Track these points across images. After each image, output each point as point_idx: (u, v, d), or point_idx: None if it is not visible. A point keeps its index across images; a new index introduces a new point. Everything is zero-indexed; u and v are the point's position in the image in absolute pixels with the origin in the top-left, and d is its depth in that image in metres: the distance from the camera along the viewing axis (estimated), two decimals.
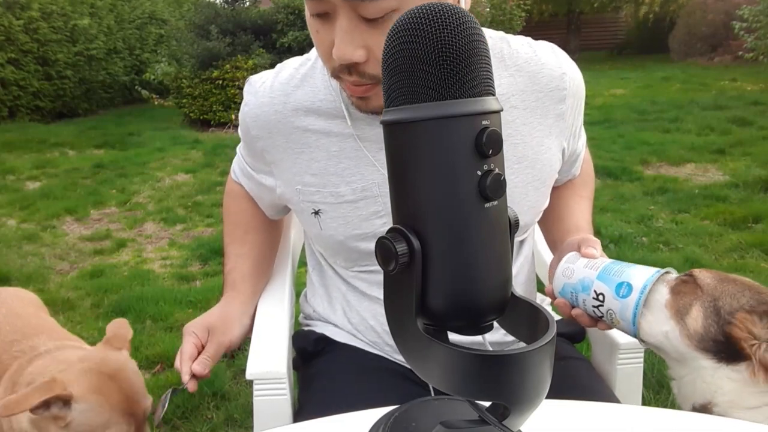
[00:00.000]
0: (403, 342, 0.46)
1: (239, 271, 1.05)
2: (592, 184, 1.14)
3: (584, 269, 0.85)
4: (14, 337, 1.27)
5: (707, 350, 0.77)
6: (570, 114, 0.91)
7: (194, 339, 0.94)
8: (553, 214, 1.03)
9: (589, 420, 0.68)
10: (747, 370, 0.74)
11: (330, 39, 0.73)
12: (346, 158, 0.87)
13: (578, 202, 1.07)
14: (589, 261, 0.86)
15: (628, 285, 0.80)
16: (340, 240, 0.90)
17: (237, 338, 0.98)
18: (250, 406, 1.00)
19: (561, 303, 0.88)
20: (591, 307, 0.84)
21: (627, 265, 0.84)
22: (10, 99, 7.77)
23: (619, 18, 15.81)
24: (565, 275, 0.87)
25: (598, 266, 0.84)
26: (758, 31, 7.99)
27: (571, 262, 0.88)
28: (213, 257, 3.25)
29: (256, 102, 0.91)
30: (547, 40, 0.95)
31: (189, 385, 0.90)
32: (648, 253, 3.00)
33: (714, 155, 4.75)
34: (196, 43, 7.08)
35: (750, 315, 0.75)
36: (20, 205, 4.40)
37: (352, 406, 0.68)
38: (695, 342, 0.78)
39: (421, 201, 0.42)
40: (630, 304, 0.80)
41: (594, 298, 0.83)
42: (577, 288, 0.85)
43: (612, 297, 0.81)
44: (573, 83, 0.90)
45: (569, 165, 1.02)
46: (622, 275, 0.82)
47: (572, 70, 0.91)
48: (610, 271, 0.83)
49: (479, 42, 0.41)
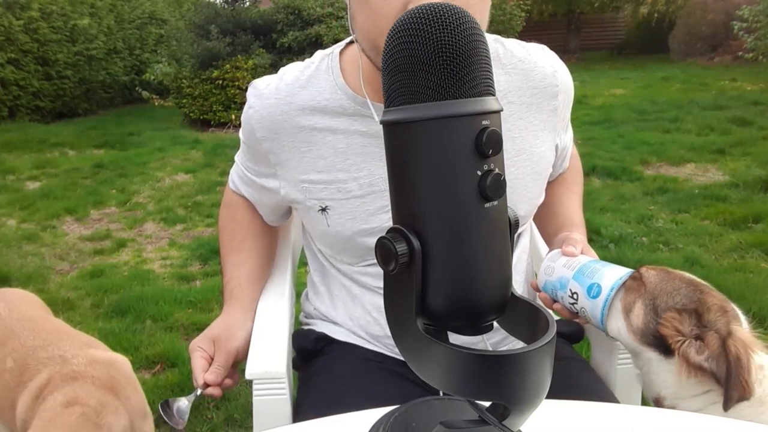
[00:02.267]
0: (403, 342, 0.46)
1: (236, 280, 1.05)
2: (581, 179, 1.19)
3: (563, 268, 0.91)
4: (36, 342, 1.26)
5: (650, 344, 0.82)
6: (562, 109, 0.96)
7: (201, 353, 0.95)
8: (548, 209, 1.07)
9: (588, 420, 0.68)
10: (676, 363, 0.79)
11: (401, 1, 0.72)
12: (353, 154, 0.89)
13: (571, 197, 1.12)
14: (569, 260, 0.91)
15: (598, 286, 0.86)
16: (348, 235, 0.91)
17: (242, 343, 0.98)
18: (250, 406, 1.00)
19: (543, 297, 0.95)
20: (568, 303, 0.90)
21: (603, 264, 0.89)
22: (10, 99, 7.77)
23: (619, 18, 15.80)
24: (546, 273, 0.93)
25: (575, 266, 0.89)
26: (758, 31, 7.99)
27: (553, 260, 0.94)
28: (213, 257, 3.25)
29: (262, 104, 0.92)
30: (547, 40, 1.02)
31: (215, 392, 0.91)
32: (648, 253, 3.00)
33: (714, 155, 4.75)
34: (196, 43, 7.08)
35: (679, 314, 0.80)
36: (20, 205, 4.40)
37: (352, 406, 0.68)
38: (639, 337, 0.83)
39: (421, 201, 0.42)
40: (599, 304, 0.86)
41: (570, 296, 0.89)
42: (556, 285, 0.91)
43: (584, 297, 0.87)
44: (563, 80, 0.95)
45: (561, 159, 1.07)
46: (595, 276, 0.87)
47: (562, 68, 0.96)
48: (584, 271, 0.88)
49: (479, 42, 0.41)
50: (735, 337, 0.74)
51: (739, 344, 0.73)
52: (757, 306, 2.36)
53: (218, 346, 0.96)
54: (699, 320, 0.79)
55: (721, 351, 0.74)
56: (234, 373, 0.97)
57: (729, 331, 0.75)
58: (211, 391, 0.91)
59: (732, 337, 0.74)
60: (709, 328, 0.77)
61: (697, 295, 0.81)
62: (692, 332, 0.79)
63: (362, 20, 0.80)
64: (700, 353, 0.76)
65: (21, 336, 1.32)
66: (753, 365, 0.73)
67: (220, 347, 0.96)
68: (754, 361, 0.73)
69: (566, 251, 0.92)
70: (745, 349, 0.73)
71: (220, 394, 0.92)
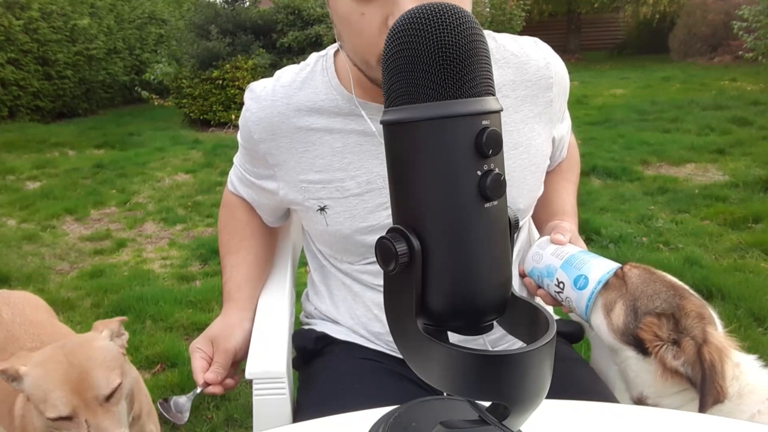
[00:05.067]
0: (403, 342, 0.46)
1: (234, 281, 1.05)
2: (577, 169, 1.20)
3: (551, 257, 0.92)
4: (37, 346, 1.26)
5: (630, 344, 0.85)
6: (557, 100, 0.96)
7: (200, 353, 0.95)
8: (543, 197, 1.07)
9: (588, 420, 0.68)
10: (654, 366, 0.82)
11: (379, 18, 0.74)
12: (350, 153, 0.90)
13: (565, 186, 1.13)
14: (557, 249, 0.92)
15: (585, 278, 0.87)
16: (347, 234, 0.92)
17: (240, 342, 0.98)
18: (250, 406, 1.00)
19: (528, 282, 0.96)
20: (553, 291, 0.91)
21: (590, 257, 0.90)
22: (10, 99, 7.77)
23: (619, 18, 15.79)
24: (534, 260, 0.94)
25: (563, 256, 0.90)
26: (758, 31, 7.98)
27: (541, 248, 0.94)
28: (213, 257, 3.25)
29: (259, 106, 0.93)
30: (547, 40, 1.01)
31: (216, 390, 0.91)
32: (648, 253, 3.00)
33: (714, 155, 4.75)
34: (196, 43, 7.08)
35: (658, 319, 0.82)
36: (20, 205, 4.40)
37: (352, 406, 0.68)
38: (618, 336, 0.86)
39: (421, 201, 0.42)
40: (584, 296, 0.87)
41: (556, 285, 0.90)
42: (543, 273, 0.92)
43: (570, 287, 0.88)
44: (557, 71, 0.96)
45: (558, 150, 1.08)
46: (582, 268, 0.88)
47: (555, 59, 0.96)
48: (572, 262, 0.89)
49: (479, 42, 0.41)
50: (710, 343, 0.77)
51: (714, 351, 0.77)
52: (757, 306, 2.36)
53: (216, 346, 0.96)
54: (676, 325, 0.81)
55: (697, 358, 0.77)
56: (235, 373, 0.98)
57: (704, 338, 0.78)
58: (212, 389, 0.91)
59: (707, 344, 0.77)
60: (685, 334, 0.80)
61: (676, 300, 0.83)
62: (670, 337, 0.81)
63: (347, 37, 0.82)
64: (677, 358, 0.80)
65: (22, 340, 1.32)
66: (727, 370, 0.76)
67: (218, 347, 0.96)
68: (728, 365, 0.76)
69: (555, 239, 0.94)
70: (719, 355, 0.76)
71: (222, 391, 0.92)
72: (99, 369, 1.05)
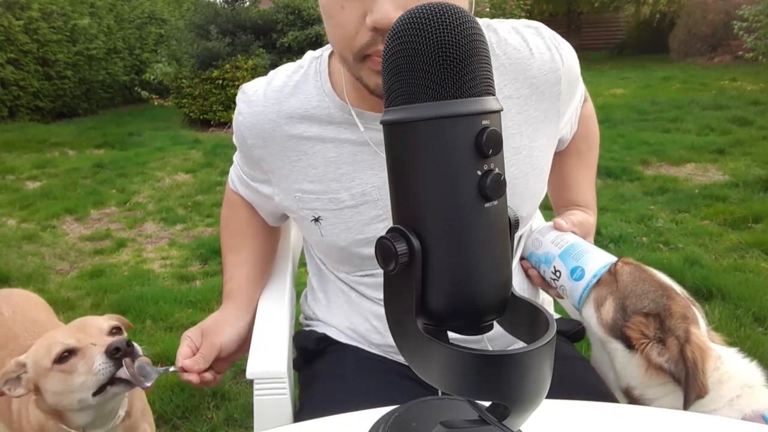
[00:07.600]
0: (403, 342, 0.46)
1: (236, 280, 1.05)
2: (596, 146, 1.12)
3: (550, 244, 0.93)
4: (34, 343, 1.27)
5: (617, 338, 0.89)
6: (567, 90, 0.91)
7: (188, 342, 0.95)
8: (559, 179, 1.03)
9: (588, 420, 0.68)
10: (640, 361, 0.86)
11: (358, 12, 0.72)
12: (344, 163, 0.87)
13: (585, 173, 1.09)
14: (557, 237, 0.93)
15: (582, 270, 0.89)
16: (343, 246, 0.90)
17: (228, 339, 0.98)
18: (250, 406, 1.00)
19: (524, 263, 0.97)
20: (549, 278, 0.93)
21: (589, 248, 0.91)
22: (10, 99, 7.77)
23: (619, 18, 15.79)
24: (534, 245, 0.96)
25: (563, 245, 0.92)
26: (758, 31, 7.98)
27: (542, 234, 0.95)
28: (213, 257, 3.25)
29: (250, 111, 0.91)
30: None
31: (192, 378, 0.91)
32: (648, 253, 3.00)
33: (714, 155, 4.75)
34: (196, 43, 7.08)
35: (645, 318, 0.86)
36: (20, 205, 4.41)
37: (353, 405, 0.68)
38: (607, 330, 0.89)
39: (421, 201, 0.42)
40: (579, 287, 0.89)
41: (552, 272, 0.92)
42: (540, 259, 0.94)
43: (567, 277, 0.90)
44: (566, 59, 0.89)
45: (569, 125, 1.01)
46: (580, 259, 0.89)
47: (561, 45, 0.90)
48: (570, 252, 0.91)
49: (479, 42, 0.41)
50: (692, 342, 0.81)
51: (696, 350, 0.81)
52: (757, 306, 2.36)
53: (205, 338, 0.97)
54: (662, 325, 0.85)
55: (680, 357, 0.81)
56: (218, 372, 0.97)
57: (687, 338, 0.82)
58: (187, 376, 0.91)
59: (689, 343, 0.81)
60: (670, 334, 0.84)
61: (663, 301, 0.86)
62: (655, 336, 0.85)
63: (329, 30, 0.79)
64: (662, 355, 0.84)
65: (22, 338, 1.32)
66: (708, 367, 0.80)
67: (206, 340, 0.96)
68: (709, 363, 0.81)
69: (556, 222, 0.94)
70: (701, 354, 0.81)
71: (197, 380, 0.92)
72: (97, 319, 1.10)
